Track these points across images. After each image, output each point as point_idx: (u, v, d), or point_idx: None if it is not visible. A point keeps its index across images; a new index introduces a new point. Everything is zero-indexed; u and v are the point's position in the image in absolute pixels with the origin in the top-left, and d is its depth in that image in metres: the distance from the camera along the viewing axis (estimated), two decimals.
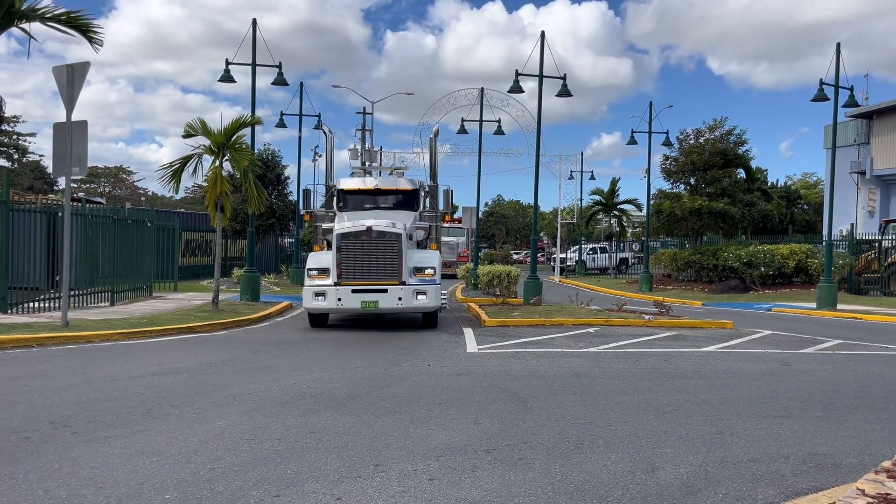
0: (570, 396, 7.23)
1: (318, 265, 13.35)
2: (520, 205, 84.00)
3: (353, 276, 12.95)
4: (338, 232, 13.18)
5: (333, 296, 12.91)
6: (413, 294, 12.95)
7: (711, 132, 32.75)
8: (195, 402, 6.68)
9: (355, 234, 13.06)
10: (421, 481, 4.47)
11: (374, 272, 12.95)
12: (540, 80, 19.82)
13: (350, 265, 12.98)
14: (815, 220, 47.74)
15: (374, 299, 12.89)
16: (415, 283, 13.05)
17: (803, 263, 27.62)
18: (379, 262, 12.94)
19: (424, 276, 13.17)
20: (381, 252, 12.97)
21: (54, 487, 4.25)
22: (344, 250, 13.02)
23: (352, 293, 12.90)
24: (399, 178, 16.45)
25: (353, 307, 13.03)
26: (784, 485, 4.53)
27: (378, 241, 12.98)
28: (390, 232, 13.01)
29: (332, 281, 12.98)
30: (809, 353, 11.16)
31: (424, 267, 13.29)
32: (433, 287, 13.11)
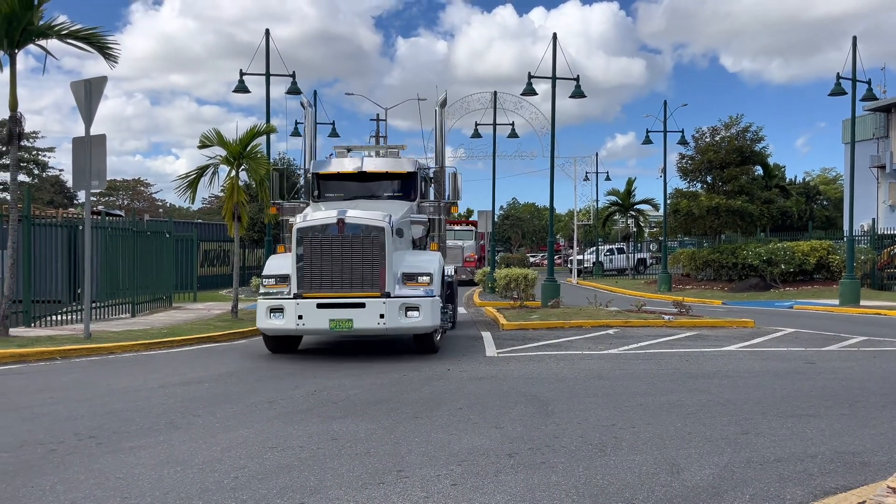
0: (592, 399, 7.19)
1: (277, 271, 10.29)
2: (535, 207, 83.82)
3: (318, 285, 9.80)
4: (298, 226, 10.07)
5: (292, 312, 9.76)
6: (401, 310, 9.81)
7: (727, 130, 32.50)
8: (217, 411, 6.71)
9: (321, 229, 9.91)
10: (444, 486, 4.46)
11: (347, 280, 9.81)
12: (553, 82, 19.78)
13: (314, 271, 9.82)
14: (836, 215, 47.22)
15: (347, 317, 9.70)
16: (404, 294, 9.91)
17: (824, 260, 27.29)
18: (354, 266, 9.80)
19: (418, 286, 10.03)
20: (356, 253, 9.84)
21: (81, 498, 4.28)
22: (306, 251, 9.87)
23: (317, 309, 9.73)
24: (392, 159, 12.99)
25: (319, 327, 9.85)
26: (812, 484, 4.47)
27: (352, 237, 9.89)
28: (369, 225, 9.93)
29: (292, 292, 9.92)
30: (833, 350, 11.01)
31: (418, 273, 10.15)
32: (428, 301, 9.95)
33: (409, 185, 12.52)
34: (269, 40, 19.83)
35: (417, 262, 10.58)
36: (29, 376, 8.95)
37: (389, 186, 12.63)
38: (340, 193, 12.49)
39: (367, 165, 12.66)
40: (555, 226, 28.30)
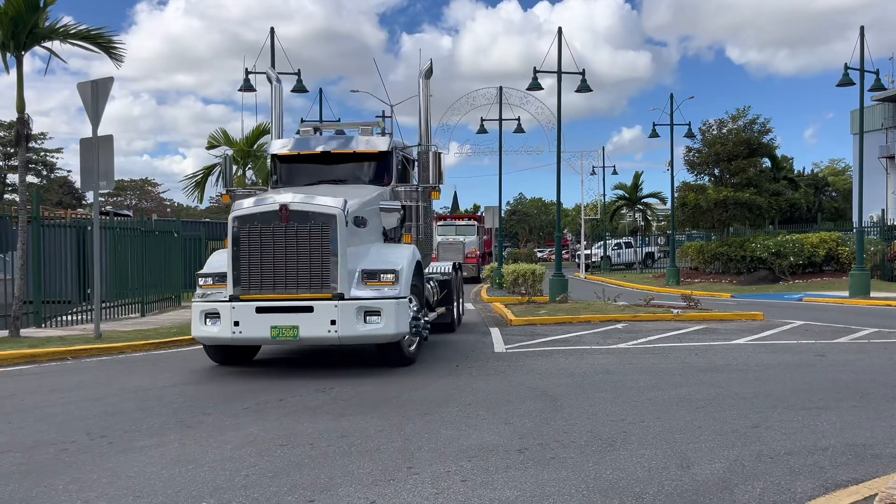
0: (601, 394, 7.18)
1: (215, 268, 8.90)
2: (542, 202, 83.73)
3: (258, 286, 8.38)
4: (234, 214, 8.53)
5: (228, 318, 8.36)
6: (357, 315, 8.31)
7: (734, 122, 32.33)
8: (227, 409, 6.74)
9: (261, 218, 8.45)
10: (454, 482, 4.47)
11: (292, 279, 8.35)
12: (559, 77, 19.73)
13: (254, 268, 8.39)
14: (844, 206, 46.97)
15: (292, 323, 8.25)
16: (362, 296, 8.42)
17: (834, 251, 27.15)
18: (300, 262, 8.35)
19: (380, 286, 8.52)
20: (302, 246, 8.37)
21: (93, 498, 4.31)
22: (244, 244, 8.42)
23: (256, 314, 8.32)
24: (361, 137, 10.92)
25: (258, 335, 8.41)
26: (823, 477, 4.45)
27: (298, 227, 8.38)
28: (317, 212, 8.44)
29: (228, 294, 8.47)
30: (844, 342, 10.96)
31: (380, 270, 8.61)
32: (392, 304, 8.42)
33: (383, 168, 10.63)
34: (273, 39, 19.85)
35: (382, 256, 9.01)
36: (40, 376, 9.01)
37: (359, 169, 10.74)
38: (303, 178, 10.66)
39: (332, 145, 10.76)
40: (562, 221, 28.25)
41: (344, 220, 8.46)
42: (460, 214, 41.79)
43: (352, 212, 8.80)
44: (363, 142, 10.76)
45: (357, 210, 9.04)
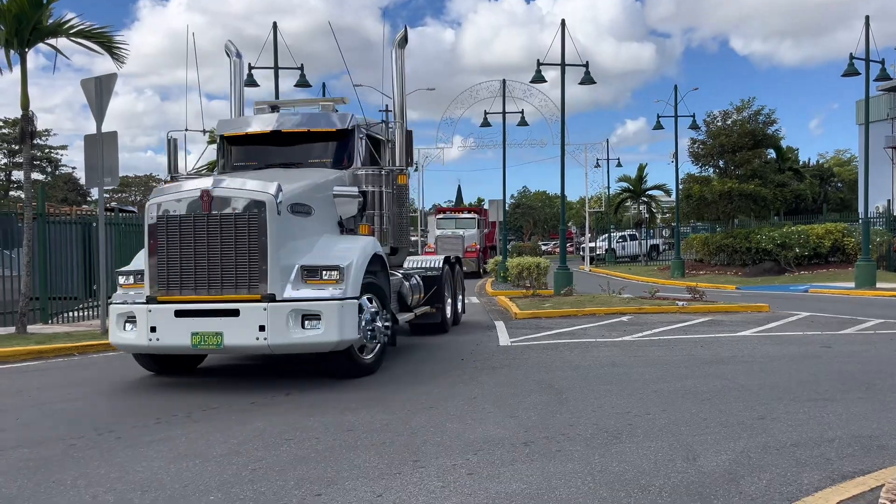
0: (606, 386, 7.18)
1: (137, 265, 7.95)
2: (546, 195, 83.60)
3: (177, 285, 7.31)
4: (151, 202, 7.52)
5: (144, 322, 7.31)
6: (292, 319, 7.17)
7: (739, 113, 32.20)
8: (234, 403, 6.76)
9: (180, 206, 7.38)
10: (460, 476, 4.48)
11: (216, 278, 7.24)
12: (562, 69, 19.66)
13: (172, 265, 7.32)
14: (850, 197, 46.77)
15: (215, 329, 7.15)
16: (297, 297, 7.28)
17: (839, 242, 27.06)
18: (225, 257, 7.24)
19: (323, 284, 7.37)
20: (227, 238, 7.25)
21: (102, 493, 4.34)
22: (161, 236, 7.38)
23: (175, 318, 7.26)
24: (318, 114, 9.74)
25: (178, 343, 7.31)
26: (830, 469, 4.45)
27: (222, 217, 7.27)
28: (243, 199, 7.32)
29: (146, 294, 7.44)
30: (850, 333, 10.94)
31: (322, 267, 7.45)
32: (334, 306, 7.25)
33: (343, 148, 9.33)
34: (276, 34, 19.82)
35: (328, 250, 7.82)
36: (47, 372, 9.06)
37: (315, 151, 9.52)
38: (253, 162, 9.52)
39: (284, 123, 9.48)
40: (566, 213, 28.21)
41: (275, 208, 7.28)
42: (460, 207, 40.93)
43: (290, 198, 7.59)
44: (319, 119, 9.49)
45: (297, 196, 7.85)
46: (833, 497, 3.91)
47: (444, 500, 4.08)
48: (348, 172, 9.10)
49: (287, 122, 9.57)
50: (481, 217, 34.66)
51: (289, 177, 8.41)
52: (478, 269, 30.81)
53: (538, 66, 20.30)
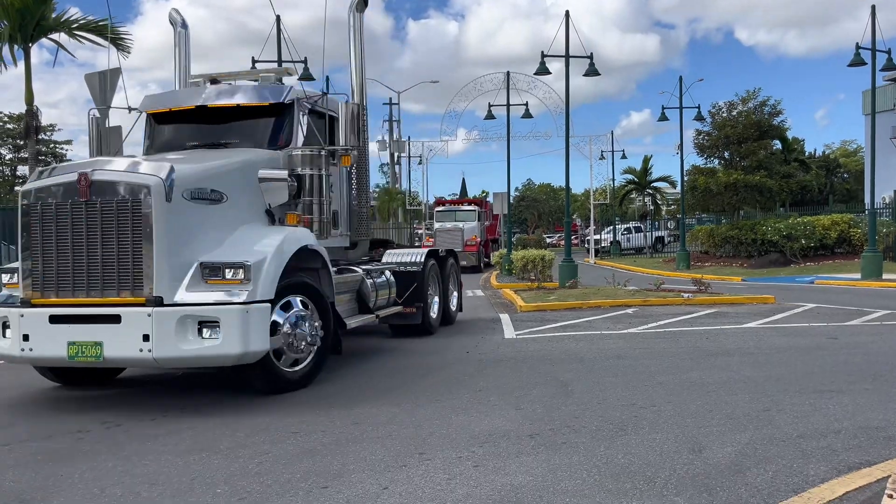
0: (612, 378, 7.19)
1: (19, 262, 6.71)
2: (551, 188, 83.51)
3: (53, 285, 6.30)
4: (24, 189, 6.55)
5: (17, 329, 6.32)
6: (185, 327, 6.04)
7: (744, 104, 32.05)
8: (240, 397, 6.78)
9: (56, 193, 6.34)
10: (466, 468, 4.49)
11: (95, 277, 6.21)
12: (566, 61, 19.58)
13: (47, 261, 6.32)
14: (856, 188, 46.57)
15: (94, 339, 6.09)
16: (191, 301, 6.13)
17: (846, 234, 26.95)
18: (105, 252, 6.19)
19: (226, 285, 6.24)
20: (107, 230, 6.19)
21: (110, 486, 4.37)
22: (34, 228, 6.37)
23: (49, 324, 6.24)
24: (251, 87, 8.52)
25: (53, 354, 6.29)
26: (836, 460, 4.45)
27: (103, 205, 6.20)
28: (127, 183, 6.25)
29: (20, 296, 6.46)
30: (856, 324, 10.91)
31: (225, 264, 6.30)
32: (235, 312, 6.10)
33: (280, 126, 8.10)
34: (280, 27, 19.79)
35: (239, 245, 6.65)
36: None
37: (248, 128, 8.19)
38: (179, 142, 8.30)
39: (211, 98, 8.18)
40: (571, 206, 28.17)
41: (165, 194, 6.17)
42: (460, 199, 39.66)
43: (189, 182, 6.47)
44: (251, 93, 8.20)
45: (201, 180, 6.69)
46: (839, 488, 3.91)
47: (450, 492, 4.09)
48: (283, 154, 7.78)
49: (215, 96, 8.24)
50: (482, 209, 32.94)
51: (201, 158, 7.36)
52: (478, 264, 29.58)
53: (542, 57, 20.22)
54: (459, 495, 4.03)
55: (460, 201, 36.89)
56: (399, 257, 10.56)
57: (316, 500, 4.04)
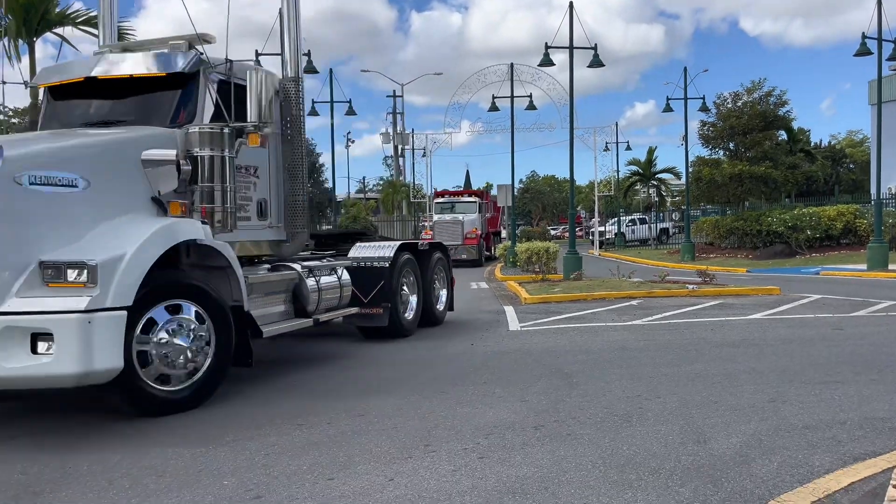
0: (617, 370, 7.19)
1: None
2: (555, 180, 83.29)
3: None
4: None
5: None
6: (10, 340, 5.07)
7: (750, 95, 31.92)
8: (246, 390, 6.81)
9: None
10: (471, 460, 4.51)
11: None
12: (570, 52, 19.52)
13: None
14: (862, 178, 46.37)
15: None
16: (23, 307, 5.18)
17: (851, 224, 26.86)
18: None
19: (66, 289, 5.26)
20: None
21: (118, 477, 4.40)
22: None
23: None
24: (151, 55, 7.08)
25: None
26: (841, 451, 4.45)
27: None
28: None
29: None
30: (862, 315, 10.89)
31: (65, 264, 5.30)
32: (75, 322, 5.11)
33: (183, 100, 6.93)
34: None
35: (91, 241, 5.60)
36: None
37: (145, 102, 7.07)
38: (74, 118, 7.18)
39: (102, 68, 7.06)
40: (575, 198, 28.12)
41: None
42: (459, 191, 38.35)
43: (29, 165, 5.45)
44: (145, 61, 7.01)
45: (50, 163, 5.63)
46: (844, 479, 3.91)
47: (455, 483, 4.11)
48: (180, 132, 6.54)
49: (107, 66, 7.09)
50: (483, 201, 31.70)
51: (59, 138, 6.32)
52: (478, 258, 28.27)
53: (546, 49, 20.17)
54: (465, 487, 4.05)
55: (460, 193, 35.12)
56: (366, 251, 9.54)
57: (322, 491, 4.06)
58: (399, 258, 9.66)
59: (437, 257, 11.08)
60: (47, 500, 4.06)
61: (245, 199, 7.29)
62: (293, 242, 8.18)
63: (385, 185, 45.57)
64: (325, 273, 8.41)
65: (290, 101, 8.00)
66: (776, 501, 3.67)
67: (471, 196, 32.56)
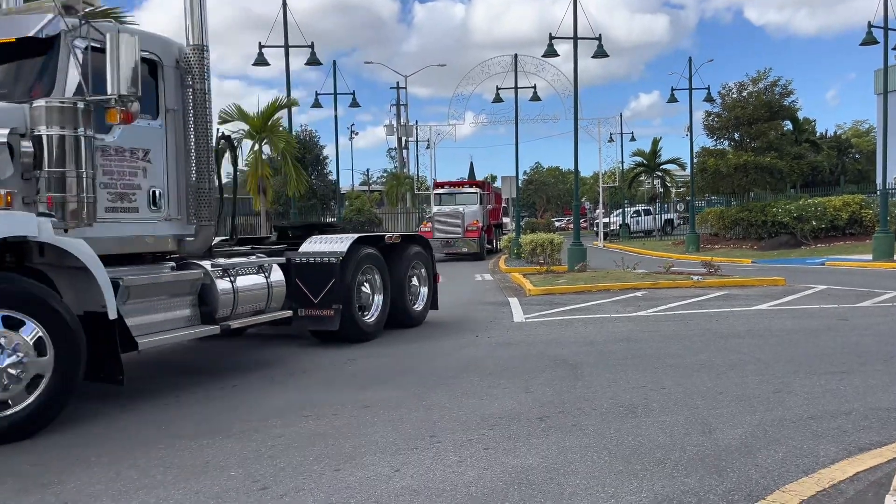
0: (621, 361, 7.20)
1: None
2: (559, 171, 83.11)
3: None
4: None
5: None
6: None
7: (755, 85, 31.73)
8: (251, 383, 6.84)
9: None
10: (476, 450, 4.52)
11: None
12: (574, 43, 19.44)
13: None
14: (868, 169, 46.16)
15: None
16: None
17: (857, 214, 26.76)
18: None
19: None
20: None
21: (125, 469, 4.42)
22: None
23: None
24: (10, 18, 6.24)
25: None
26: (846, 441, 4.45)
27: None
28: None
29: None
30: (867, 306, 10.86)
31: None
32: None
33: (41, 70, 5.90)
34: (286, 12, 19.71)
35: None
36: None
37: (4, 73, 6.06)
38: None
39: None
40: (580, 189, 28.05)
41: None
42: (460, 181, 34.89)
43: None
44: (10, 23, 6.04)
45: None
46: (850, 469, 3.92)
47: (461, 474, 4.12)
48: (27, 107, 5.52)
49: None
50: (485, 192, 30.07)
51: None
52: (479, 251, 26.68)
53: (550, 39, 20.09)
54: (470, 477, 4.06)
55: (460, 183, 33.14)
56: (318, 246, 8.56)
57: (328, 482, 4.08)
58: (356, 254, 8.60)
59: (415, 252, 10.10)
60: (55, 491, 4.08)
61: (130, 188, 6.26)
62: (198, 238, 7.02)
63: (389, 177, 45.57)
64: (248, 272, 7.38)
65: (192, 74, 6.88)
66: (781, 491, 3.68)
67: (471, 187, 30.93)
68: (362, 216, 33.48)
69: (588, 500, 3.69)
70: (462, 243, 26.14)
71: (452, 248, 25.95)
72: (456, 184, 32.57)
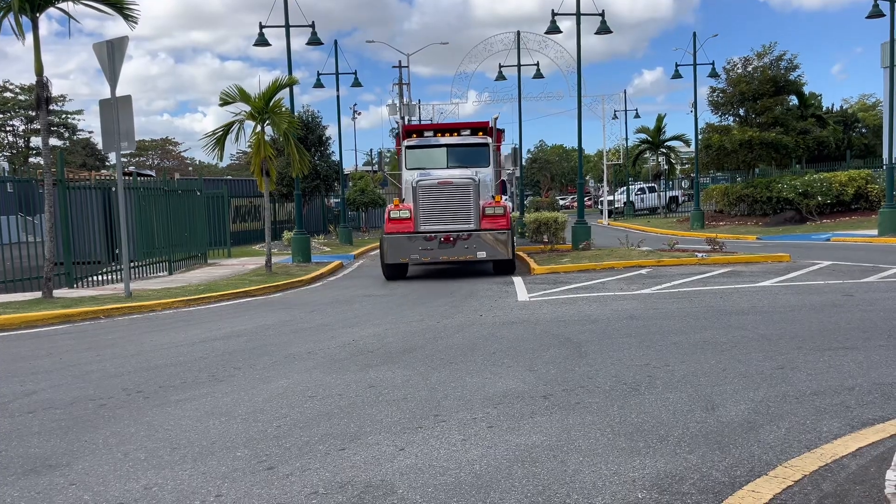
0: (625, 339, 7.21)
1: None
2: (563, 149, 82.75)
3: None
4: None
5: None
6: None
7: (760, 59, 31.47)
8: (257, 363, 6.88)
9: None
10: (481, 429, 4.55)
11: None
12: (577, 19, 19.25)
13: None
14: (875, 143, 45.77)
15: None
16: None
17: (863, 190, 26.62)
18: None
19: None
20: None
21: (133, 450, 4.47)
22: None
23: None
24: None
25: None
26: (849, 416, 4.46)
27: None
28: None
29: None
30: (872, 281, 10.83)
31: None
32: None
33: None
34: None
35: None
36: (75, 335, 9.25)
37: None
38: None
39: None
40: (584, 167, 27.93)
41: None
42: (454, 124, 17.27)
43: None
44: None
45: None
46: (852, 444, 3.93)
47: (465, 452, 4.15)
48: None
49: None
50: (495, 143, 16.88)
51: None
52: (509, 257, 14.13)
53: (553, 16, 19.90)
54: (475, 456, 4.09)
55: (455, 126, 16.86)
56: None
57: (334, 461, 4.12)
58: None
59: None
60: (63, 473, 4.13)
61: None
62: None
63: (392, 156, 45.40)
64: None
65: None
66: (784, 467, 3.69)
67: (475, 132, 16.44)
68: (366, 197, 33.45)
69: (591, 476, 3.71)
70: (478, 244, 13.85)
71: (453, 252, 13.83)
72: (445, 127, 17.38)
